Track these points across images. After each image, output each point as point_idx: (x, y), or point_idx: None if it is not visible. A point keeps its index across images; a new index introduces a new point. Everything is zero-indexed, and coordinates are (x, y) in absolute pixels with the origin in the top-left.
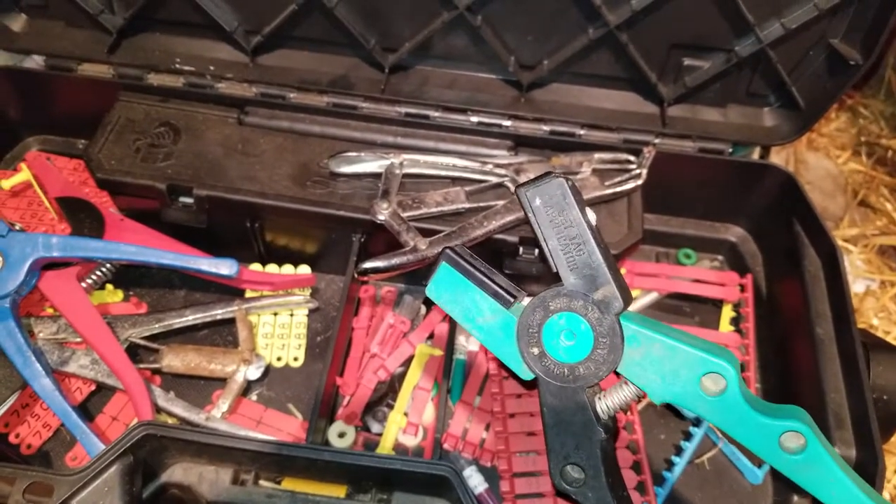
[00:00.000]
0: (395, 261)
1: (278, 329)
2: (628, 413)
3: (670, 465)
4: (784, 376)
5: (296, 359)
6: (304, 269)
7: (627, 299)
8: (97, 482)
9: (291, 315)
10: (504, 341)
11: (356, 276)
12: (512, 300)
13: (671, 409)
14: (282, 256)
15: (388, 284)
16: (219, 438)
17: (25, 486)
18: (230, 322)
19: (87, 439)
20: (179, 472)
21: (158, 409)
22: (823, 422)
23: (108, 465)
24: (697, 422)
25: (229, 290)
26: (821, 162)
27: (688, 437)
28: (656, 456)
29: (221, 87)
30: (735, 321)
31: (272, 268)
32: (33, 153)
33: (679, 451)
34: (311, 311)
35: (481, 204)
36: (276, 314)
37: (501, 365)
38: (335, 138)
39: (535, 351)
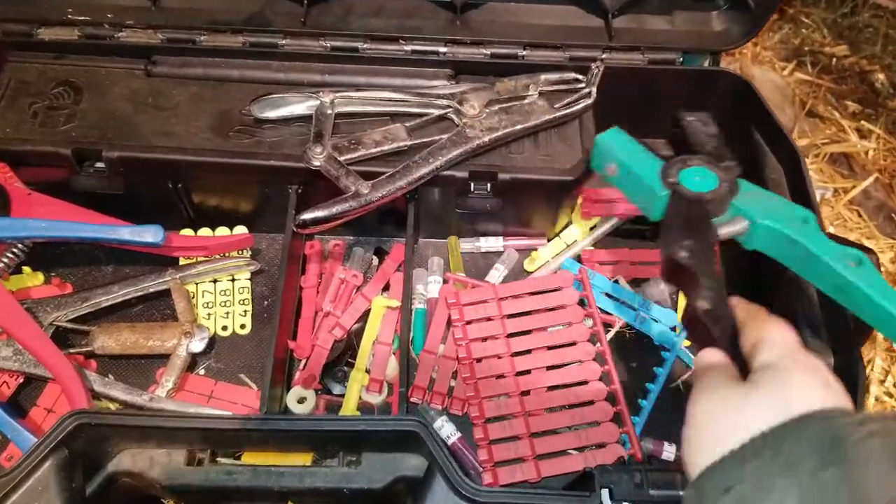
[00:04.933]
0: (336, 208)
1: (220, 296)
2: (598, 345)
3: (645, 392)
4: (753, 288)
5: (242, 326)
6: (241, 230)
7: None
8: (29, 482)
9: (233, 280)
10: (641, 189)
11: (296, 230)
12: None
13: (642, 337)
14: (214, 218)
15: (335, 237)
16: (163, 419)
17: None
18: (165, 294)
19: (20, 437)
20: (127, 460)
21: (96, 396)
22: (798, 331)
23: (38, 462)
24: (668, 347)
25: (162, 261)
26: (767, 75)
27: (660, 362)
28: (632, 385)
29: (123, 36)
30: None
31: (205, 232)
32: None
33: (653, 377)
34: (254, 274)
35: (425, 140)
36: (215, 281)
37: (460, 305)
38: (256, 81)
39: (673, 180)
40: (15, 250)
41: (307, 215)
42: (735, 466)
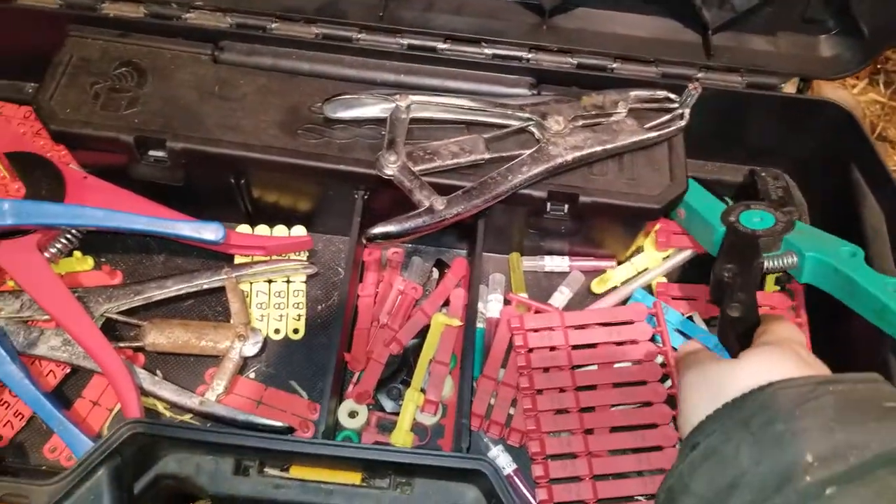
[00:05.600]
0: (408, 224)
1: (274, 298)
2: (670, 386)
3: None
4: (839, 342)
5: (296, 331)
6: (299, 230)
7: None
8: (81, 490)
9: (288, 282)
10: (704, 227)
11: (365, 243)
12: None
13: None
14: (272, 216)
15: (395, 245)
16: (216, 435)
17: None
18: (218, 291)
19: (65, 429)
20: (174, 464)
21: (144, 393)
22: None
23: (92, 469)
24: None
25: (215, 255)
26: (836, 92)
27: None
28: None
29: (190, 18)
30: (781, 281)
31: (262, 229)
32: None
33: None
34: (310, 277)
35: (503, 154)
36: (270, 281)
37: (522, 331)
38: (327, 77)
39: (733, 219)
40: (69, 236)
41: (378, 230)
42: (708, 425)
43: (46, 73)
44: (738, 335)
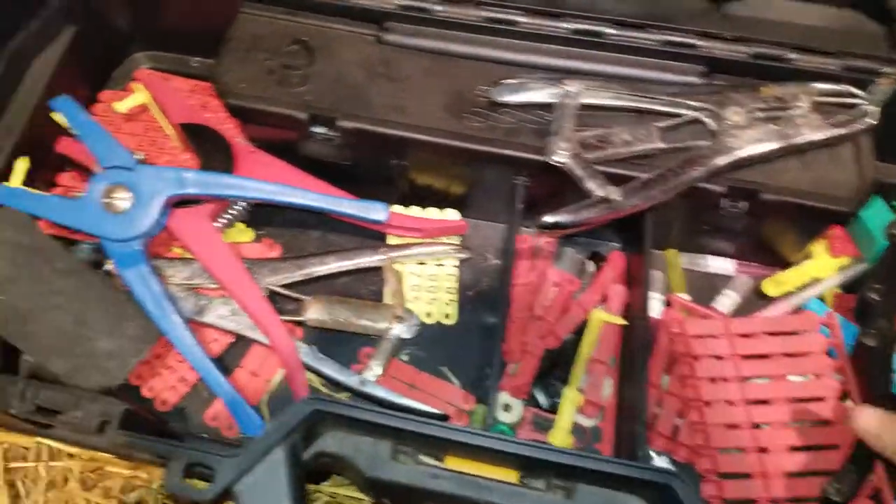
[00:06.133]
0: (583, 214)
1: (427, 281)
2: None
3: None
4: None
5: (447, 316)
6: (451, 213)
7: None
8: (262, 465)
9: (440, 265)
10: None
11: (537, 231)
12: None
13: None
14: (425, 197)
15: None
16: (383, 417)
17: (184, 466)
18: (372, 271)
19: (232, 398)
20: (332, 442)
21: (306, 367)
22: None
23: (273, 444)
24: None
25: (368, 233)
26: None
27: None
28: None
29: None
30: None
31: (415, 210)
32: (144, 71)
33: None
34: (461, 262)
35: (677, 144)
36: (422, 264)
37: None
38: (490, 60)
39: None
40: (238, 207)
41: (551, 218)
42: None
43: (222, 48)
44: (867, 366)
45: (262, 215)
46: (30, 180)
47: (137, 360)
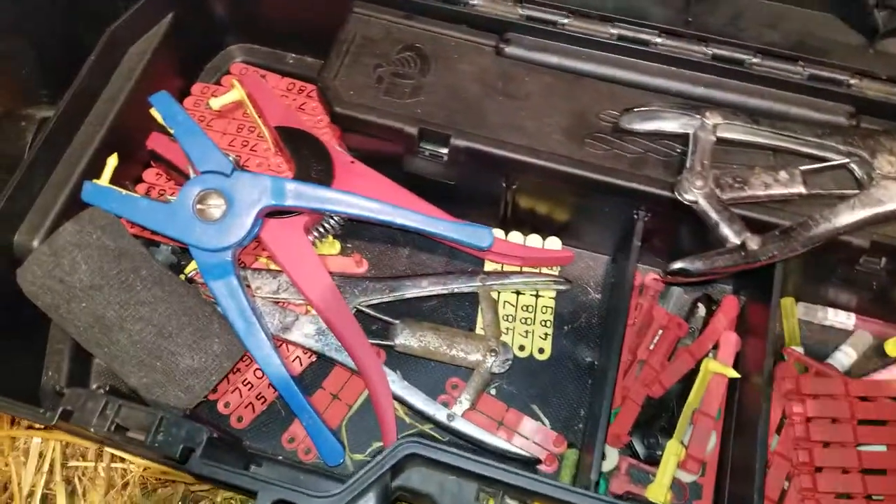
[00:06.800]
0: (718, 262)
1: (521, 312)
2: None
3: None
4: None
5: (541, 350)
6: (554, 242)
7: None
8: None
9: (536, 296)
10: None
11: (665, 277)
12: None
13: None
14: (528, 223)
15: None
16: (476, 464)
17: (271, 501)
18: (463, 296)
19: (312, 421)
20: (417, 479)
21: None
22: None
23: (367, 487)
24: None
25: (460, 255)
26: None
27: None
28: None
29: (478, 5)
30: None
31: (516, 236)
32: (239, 65)
33: None
34: (558, 294)
35: (820, 191)
36: (518, 293)
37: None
38: (617, 82)
39: None
40: (333, 221)
41: (682, 265)
42: None
43: (332, 50)
44: None
45: (350, 227)
46: (114, 174)
47: (219, 377)
